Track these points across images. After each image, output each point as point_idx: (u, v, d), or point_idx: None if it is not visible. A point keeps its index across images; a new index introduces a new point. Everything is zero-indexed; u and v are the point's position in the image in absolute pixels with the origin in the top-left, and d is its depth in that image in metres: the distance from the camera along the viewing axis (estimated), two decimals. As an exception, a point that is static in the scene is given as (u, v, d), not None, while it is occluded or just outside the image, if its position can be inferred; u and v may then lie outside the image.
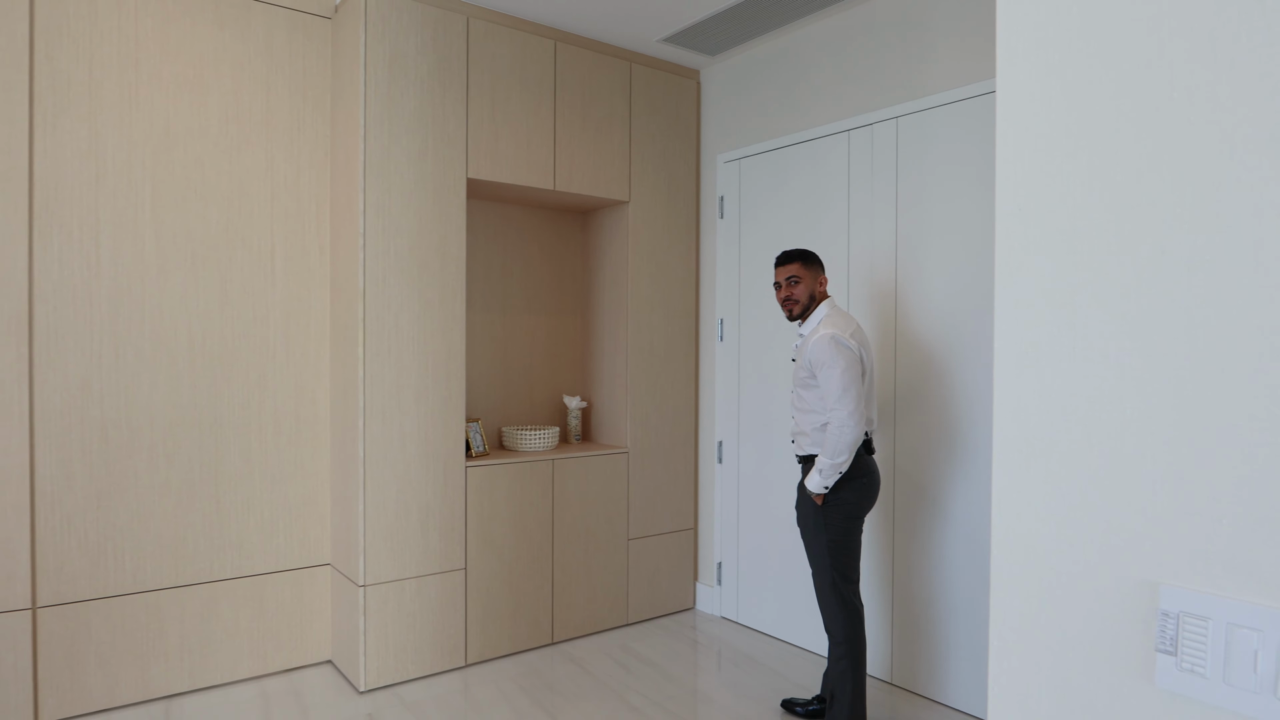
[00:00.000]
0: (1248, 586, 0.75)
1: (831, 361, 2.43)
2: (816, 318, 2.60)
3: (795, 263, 2.62)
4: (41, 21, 2.68)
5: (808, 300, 2.61)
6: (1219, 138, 0.76)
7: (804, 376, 2.56)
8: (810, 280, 2.62)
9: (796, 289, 2.61)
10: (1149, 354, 0.81)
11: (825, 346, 2.44)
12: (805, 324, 2.64)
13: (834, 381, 2.43)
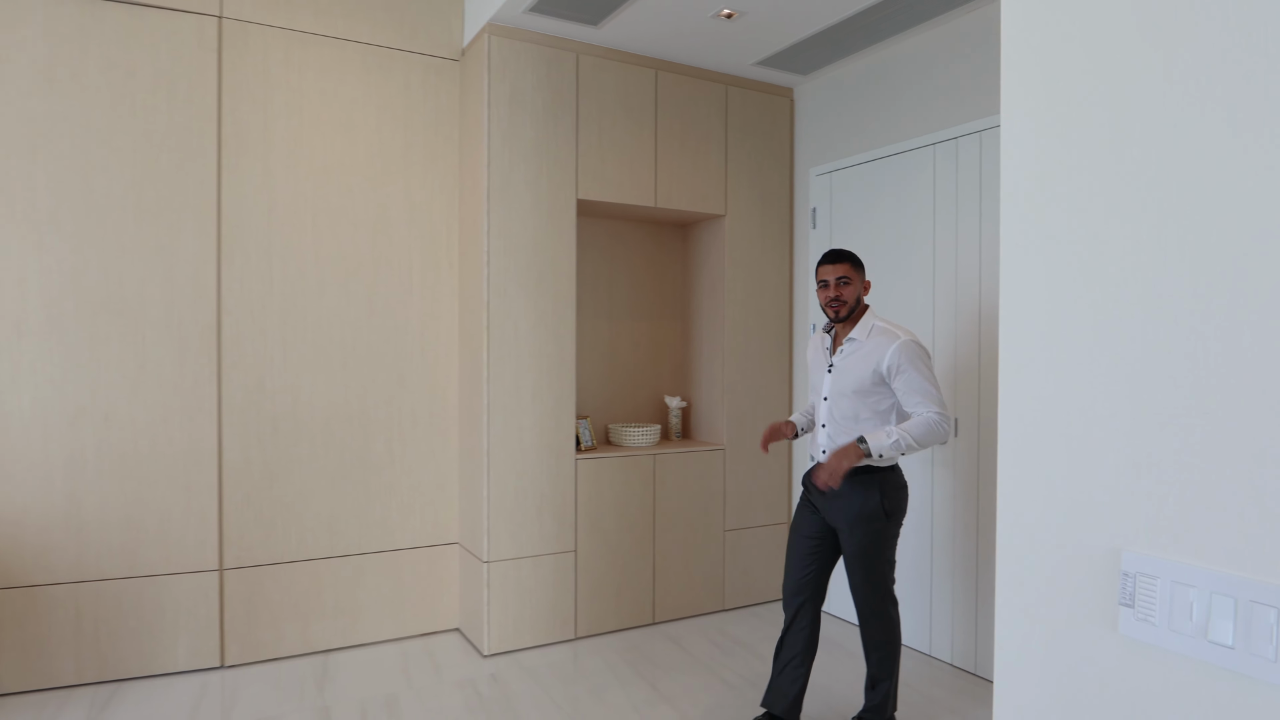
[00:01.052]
0: (1186, 552, 0.94)
1: (922, 360, 2.42)
2: (868, 322, 2.54)
3: (846, 263, 2.54)
4: (227, 80, 3.19)
5: (855, 303, 2.55)
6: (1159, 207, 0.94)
7: (867, 384, 2.48)
8: (858, 283, 2.56)
9: (846, 289, 2.53)
10: (1109, 369, 1.01)
11: (908, 351, 2.42)
12: (854, 328, 2.56)
13: (930, 381, 2.41)
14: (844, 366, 2.54)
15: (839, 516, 2.51)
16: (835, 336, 2.64)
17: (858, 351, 2.52)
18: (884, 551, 2.51)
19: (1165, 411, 0.95)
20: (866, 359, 2.48)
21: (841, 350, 2.57)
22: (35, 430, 2.94)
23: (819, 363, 2.68)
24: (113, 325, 3.03)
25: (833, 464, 2.38)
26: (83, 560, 3.02)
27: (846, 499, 2.48)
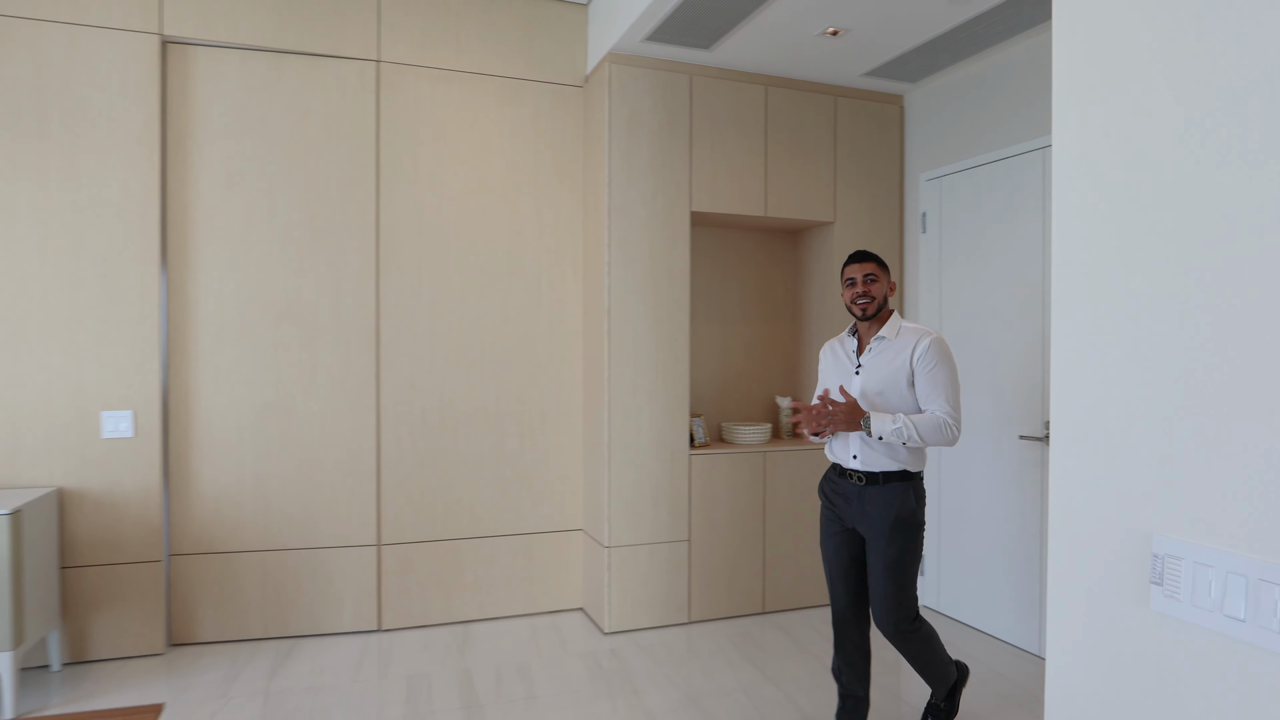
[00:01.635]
0: (1206, 535, 1.05)
1: (949, 361, 2.43)
2: (895, 322, 2.53)
3: (873, 262, 2.53)
4: (384, 115, 3.62)
5: (882, 301, 2.53)
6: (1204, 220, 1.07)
7: (901, 381, 2.45)
8: (885, 282, 2.54)
9: (874, 286, 2.51)
10: (1141, 380, 1.13)
11: (941, 349, 2.42)
12: (882, 327, 2.54)
13: (953, 383, 2.41)
14: (874, 365, 2.51)
15: (872, 522, 2.46)
16: (860, 338, 2.61)
17: (888, 349, 2.50)
18: (912, 566, 2.45)
19: (1187, 416, 1.07)
20: (898, 355, 2.46)
21: (870, 350, 2.54)
22: (231, 421, 3.46)
23: (841, 368, 2.62)
24: (292, 332, 3.52)
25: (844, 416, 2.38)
26: (267, 532, 3.52)
27: (879, 503, 2.44)
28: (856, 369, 2.56)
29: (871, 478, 2.46)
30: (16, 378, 3.15)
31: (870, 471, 2.46)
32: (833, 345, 2.71)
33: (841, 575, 2.57)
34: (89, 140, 3.21)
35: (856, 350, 2.60)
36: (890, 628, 2.46)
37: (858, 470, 2.49)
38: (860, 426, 2.39)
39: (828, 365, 2.69)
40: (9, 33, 3.12)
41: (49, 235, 3.17)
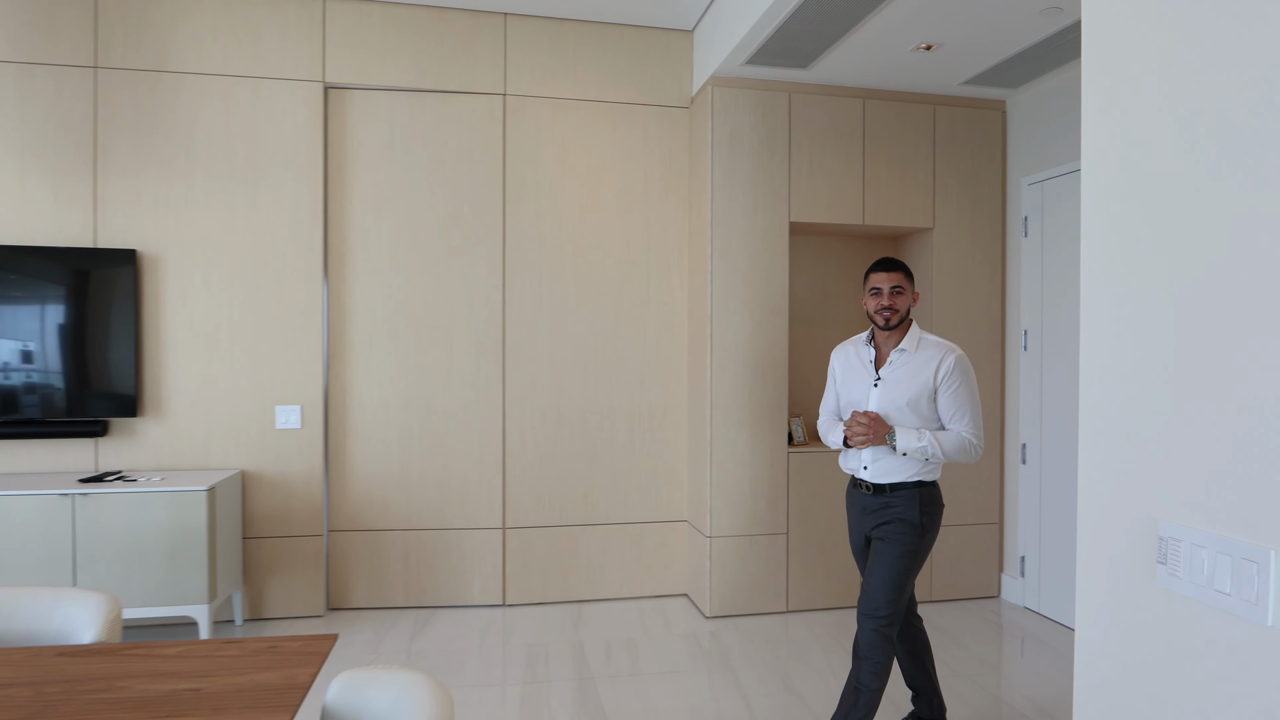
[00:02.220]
0: (1203, 521, 1.19)
1: (972, 378, 2.44)
2: (916, 334, 2.51)
3: (900, 272, 2.50)
4: (509, 142, 4.02)
5: (905, 313, 2.50)
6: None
7: (922, 396, 2.43)
8: (909, 293, 2.51)
9: (899, 299, 2.48)
10: (1148, 382, 1.27)
11: (965, 367, 2.44)
12: (902, 339, 2.51)
13: (975, 401, 2.43)
14: (895, 378, 2.47)
15: (880, 523, 2.47)
16: (878, 348, 2.57)
17: (909, 363, 2.47)
18: (908, 571, 2.41)
19: (1184, 416, 1.21)
20: (920, 370, 2.44)
21: (890, 363, 2.50)
22: (379, 415, 3.94)
23: (857, 377, 2.58)
24: (431, 337, 3.97)
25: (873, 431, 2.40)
26: (409, 513, 3.98)
27: (888, 511, 2.45)
28: (875, 381, 2.51)
29: (879, 488, 2.47)
30: (210, 377, 3.73)
31: (879, 483, 2.46)
32: (847, 350, 2.67)
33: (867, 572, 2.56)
34: (267, 175, 3.76)
35: (874, 361, 2.55)
36: (866, 628, 2.40)
37: (868, 481, 2.49)
38: (885, 441, 2.40)
39: (843, 372, 2.64)
40: (207, 88, 3.71)
41: (236, 257, 3.74)
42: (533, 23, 4.01)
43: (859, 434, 2.42)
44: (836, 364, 2.69)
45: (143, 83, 3.67)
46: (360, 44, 3.85)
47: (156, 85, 3.68)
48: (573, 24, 4.06)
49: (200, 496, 3.31)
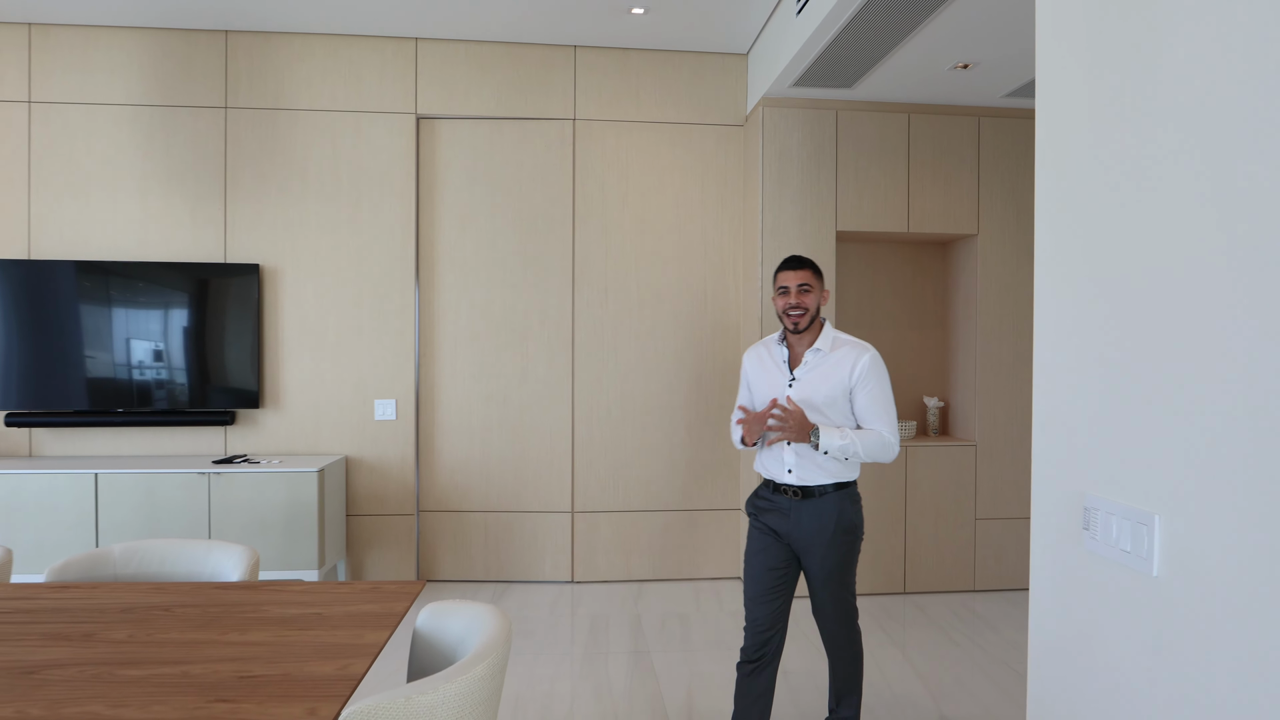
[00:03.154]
0: (1115, 493, 1.43)
1: (886, 378, 2.41)
2: (830, 333, 2.46)
3: (809, 270, 2.42)
4: (578, 163, 4.39)
5: (815, 312, 2.42)
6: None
7: (839, 397, 2.38)
8: (818, 292, 2.43)
9: (807, 297, 2.40)
10: (1078, 382, 1.52)
11: (880, 366, 2.41)
12: (816, 339, 2.45)
13: (890, 400, 2.40)
14: (811, 379, 2.40)
15: (810, 536, 2.37)
16: (791, 349, 2.49)
17: (824, 363, 2.40)
18: (853, 569, 2.43)
19: (1107, 409, 1.45)
20: (835, 371, 2.38)
21: (805, 363, 2.43)
22: (463, 408, 4.39)
23: (771, 377, 2.48)
24: (508, 339, 4.39)
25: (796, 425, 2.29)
26: (488, 497, 4.41)
27: (817, 516, 2.36)
28: (790, 382, 2.43)
29: (806, 491, 2.38)
30: (319, 374, 4.25)
31: (805, 485, 2.37)
32: (759, 352, 2.58)
33: (767, 596, 2.42)
34: (368, 197, 4.26)
35: (788, 361, 2.47)
36: (835, 634, 2.46)
37: (793, 485, 2.39)
38: (808, 438, 2.31)
39: (756, 373, 2.54)
40: (317, 123, 4.23)
41: (341, 269, 4.25)
42: (600, 53, 4.38)
43: (777, 425, 2.31)
44: (749, 365, 2.58)
45: (264, 119, 4.21)
46: (447, 79, 4.30)
47: (275, 121, 4.22)
48: (636, 53, 4.41)
49: (312, 477, 3.81)
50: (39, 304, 4.02)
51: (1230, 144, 1.17)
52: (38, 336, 4.02)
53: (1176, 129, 1.28)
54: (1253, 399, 1.13)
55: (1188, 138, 1.25)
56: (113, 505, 3.72)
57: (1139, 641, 1.36)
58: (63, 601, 1.91)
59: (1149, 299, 1.34)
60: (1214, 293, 1.21)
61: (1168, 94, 1.30)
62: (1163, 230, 1.31)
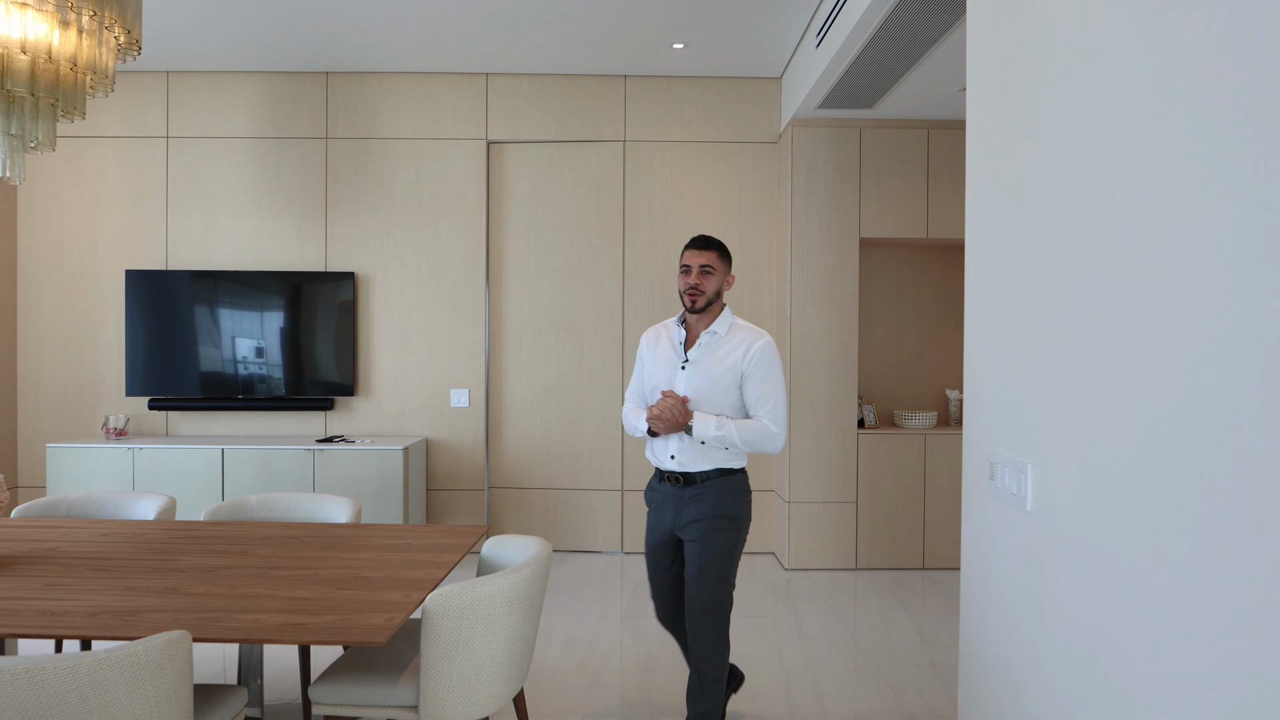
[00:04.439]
0: (1007, 450, 1.83)
1: (779, 366, 2.33)
2: (729, 318, 2.39)
3: (714, 251, 2.34)
4: (628, 180, 4.89)
5: (714, 295, 2.34)
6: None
7: (730, 381, 2.29)
8: (721, 275, 2.35)
9: (708, 280, 2.32)
10: (989, 364, 1.92)
11: (773, 353, 2.33)
12: (713, 322, 2.37)
13: (781, 389, 2.32)
14: (704, 362, 2.32)
15: (690, 524, 2.30)
16: (689, 330, 2.40)
17: (720, 347, 2.33)
18: (732, 563, 2.33)
19: (1004, 384, 1.85)
20: (729, 355, 2.31)
21: (700, 344, 2.34)
22: (526, 398, 4.94)
23: (666, 358, 2.39)
24: (565, 337, 4.91)
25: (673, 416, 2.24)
26: (548, 476, 4.95)
27: (698, 503, 2.29)
28: (683, 364, 2.35)
29: (689, 478, 2.31)
30: (404, 367, 4.86)
31: (688, 472, 2.31)
32: (658, 332, 2.49)
33: (668, 587, 2.42)
34: (445, 213, 4.85)
35: (685, 343, 2.39)
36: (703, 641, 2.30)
37: (676, 471, 2.33)
38: (682, 428, 2.26)
39: (650, 353, 2.45)
40: (402, 149, 4.85)
41: (431, 275, 4.85)
42: (647, 81, 4.87)
43: (659, 417, 2.25)
44: (645, 347, 2.49)
45: (358, 148, 4.85)
46: (513, 108, 4.86)
47: (368, 149, 4.86)
48: (680, 80, 4.87)
49: (398, 454, 4.41)
50: (173, 307, 4.75)
51: (1070, 178, 1.58)
52: (172, 335, 4.75)
53: (1042, 168, 1.69)
54: (1084, 377, 1.54)
55: (1048, 174, 1.66)
56: (235, 474, 4.41)
57: (1018, 561, 1.77)
58: (220, 532, 2.51)
59: (1024, 301, 1.75)
60: (1060, 297, 1.62)
61: (1037, 143, 1.71)
62: (1033, 241, 1.72)
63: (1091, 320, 1.50)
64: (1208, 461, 1.18)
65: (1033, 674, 1.72)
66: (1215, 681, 1.16)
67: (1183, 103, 1.24)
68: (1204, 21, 1.20)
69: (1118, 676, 1.41)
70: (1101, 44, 1.47)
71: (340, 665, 2.02)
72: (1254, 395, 1.10)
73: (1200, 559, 1.19)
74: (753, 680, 3.06)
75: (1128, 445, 1.39)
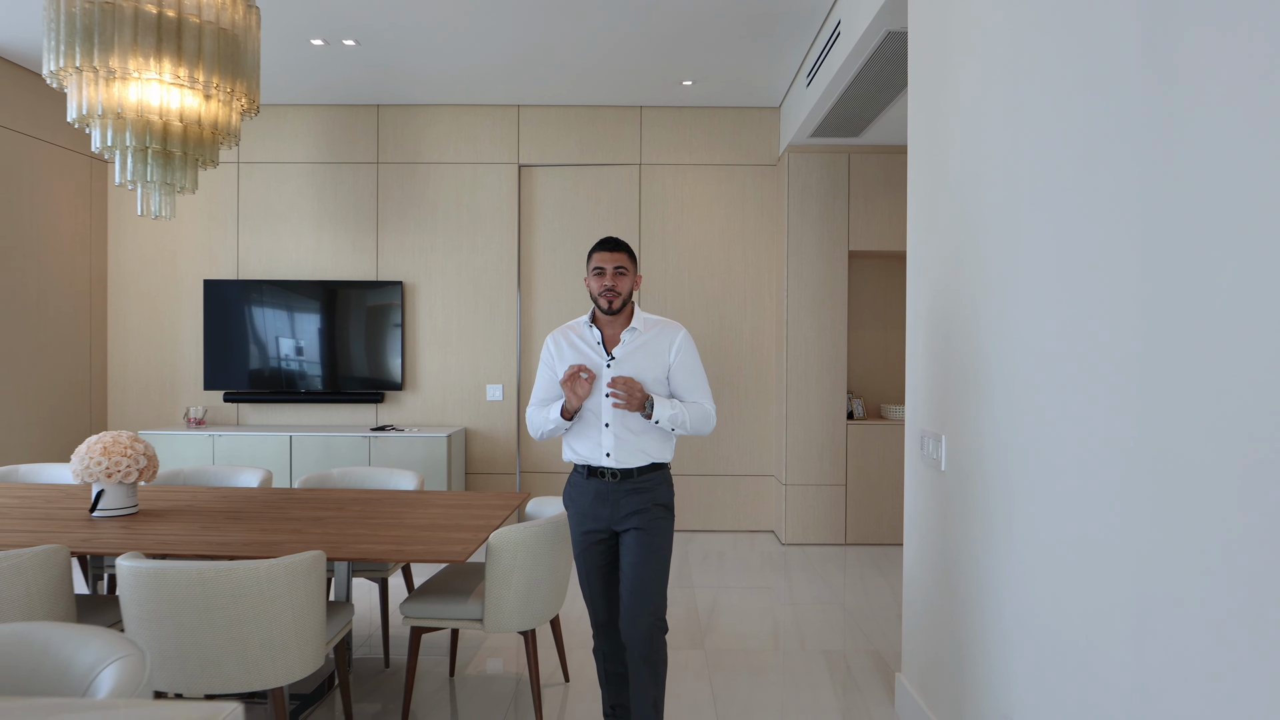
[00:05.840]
0: (933, 426, 2.38)
1: (697, 354, 2.40)
2: (641, 315, 2.40)
3: (624, 253, 2.34)
4: (644, 199, 5.45)
5: (628, 295, 2.35)
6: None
7: (659, 375, 2.32)
8: (632, 275, 2.36)
9: (621, 280, 2.32)
10: (922, 355, 2.47)
11: (691, 342, 2.39)
12: (631, 320, 2.37)
13: (704, 374, 2.39)
14: (631, 358, 2.32)
15: (629, 517, 2.28)
16: (603, 331, 2.38)
17: (644, 344, 2.34)
18: (668, 557, 2.34)
19: (931, 375, 2.40)
20: (653, 349, 2.33)
21: (623, 342, 2.35)
22: (553, 392, 5.51)
23: (586, 360, 2.36)
24: (587, 337, 5.48)
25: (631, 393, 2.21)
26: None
27: (637, 496, 2.29)
28: (608, 362, 2.33)
29: (626, 473, 2.30)
30: (446, 365, 5.46)
31: (625, 468, 2.29)
32: (567, 334, 2.44)
33: (603, 586, 2.38)
34: (481, 228, 5.44)
35: (602, 342, 2.37)
36: (646, 626, 2.25)
37: (611, 467, 2.30)
38: (641, 408, 2.24)
39: (566, 357, 2.40)
40: (444, 172, 5.45)
41: (469, 283, 5.45)
42: (660, 111, 5.43)
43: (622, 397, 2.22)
44: (553, 349, 2.44)
45: (405, 171, 5.46)
46: (541, 135, 5.44)
47: (414, 172, 5.46)
48: (689, 109, 5.43)
49: (442, 441, 5.00)
50: (244, 312, 5.37)
51: (964, 219, 2.14)
52: (243, 336, 5.37)
53: (948, 209, 2.24)
54: (974, 369, 2.09)
55: (961, 218, 2.22)
56: (301, 458, 5.02)
57: (934, 509, 2.32)
58: (315, 496, 3.11)
59: (937, 309, 2.30)
60: (957, 307, 2.17)
61: (945, 191, 2.27)
62: (942, 265, 2.27)
63: (975, 323, 2.05)
64: (1050, 429, 1.73)
65: (941, 588, 2.28)
66: (1050, 585, 1.72)
67: (1029, 171, 1.80)
68: (1045, 122, 1.75)
69: (992, 588, 1.97)
70: (980, 127, 2.02)
71: (422, 590, 2.60)
72: (1079, 386, 1.65)
73: (1052, 501, 1.75)
74: (745, 632, 3.62)
75: (1003, 420, 1.94)
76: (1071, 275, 1.60)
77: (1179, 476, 1.29)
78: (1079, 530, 1.57)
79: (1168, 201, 1.32)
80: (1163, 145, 1.33)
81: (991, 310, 1.95)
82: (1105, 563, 1.49)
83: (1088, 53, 1.55)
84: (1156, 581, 1.34)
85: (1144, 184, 1.38)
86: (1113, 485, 1.47)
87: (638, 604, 2.24)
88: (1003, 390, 1.88)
